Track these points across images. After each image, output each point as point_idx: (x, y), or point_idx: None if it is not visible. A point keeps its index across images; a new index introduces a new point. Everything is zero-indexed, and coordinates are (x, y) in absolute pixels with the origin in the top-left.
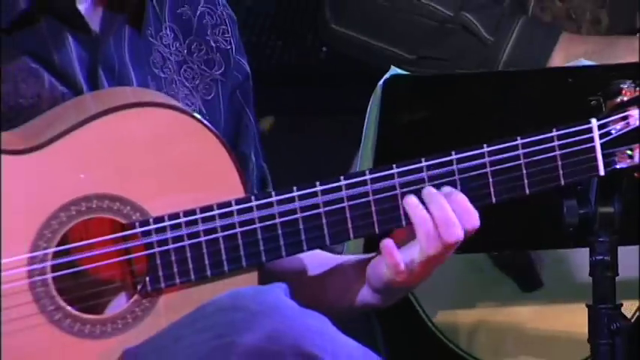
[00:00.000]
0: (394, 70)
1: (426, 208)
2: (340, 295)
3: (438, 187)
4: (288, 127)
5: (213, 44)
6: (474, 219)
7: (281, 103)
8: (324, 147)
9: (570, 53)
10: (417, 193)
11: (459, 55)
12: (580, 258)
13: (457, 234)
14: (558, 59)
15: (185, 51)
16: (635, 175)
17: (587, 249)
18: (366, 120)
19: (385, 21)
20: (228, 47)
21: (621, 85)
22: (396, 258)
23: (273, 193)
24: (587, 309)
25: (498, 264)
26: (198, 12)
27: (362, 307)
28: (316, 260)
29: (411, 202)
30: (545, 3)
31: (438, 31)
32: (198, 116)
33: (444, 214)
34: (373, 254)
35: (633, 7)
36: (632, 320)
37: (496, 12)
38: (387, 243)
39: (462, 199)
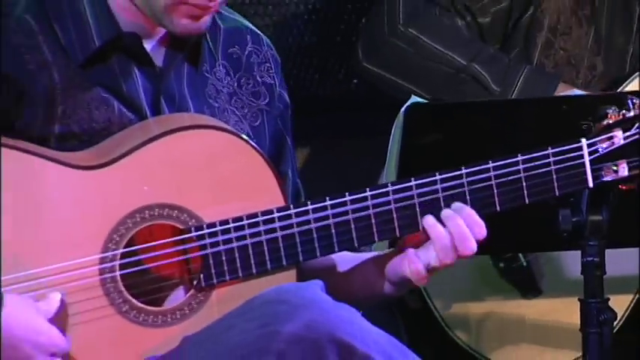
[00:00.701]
0: (414, 99)
1: (444, 225)
2: (363, 288)
3: (450, 197)
4: (324, 148)
5: (260, 79)
6: (482, 230)
7: (317, 128)
8: (353, 165)
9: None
10: (433, 203)
11: (466, 98)
12: (572, 257)
13: (472, 247)
14: None
15: (235, 84)
16: (620, 186)
17: (580, 251)
18: (390, 142)
19: (409, 64)
20: (272, 82)
21: (607, 110)
22: (419, 266)
23: (309, 203)
24: (579, 303)
25: (503, 275)
26: (247, 51)
27: (380, 297)
28: (342, 259)
29: (429, 221)
30: (549, 51)
31: (453, 78)
32: (246, 137)
33: (461, 230)
34: (389, 251)
35: (624, 55)
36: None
37: (504, 64)
38: (411, 253)
39: (471, 212)
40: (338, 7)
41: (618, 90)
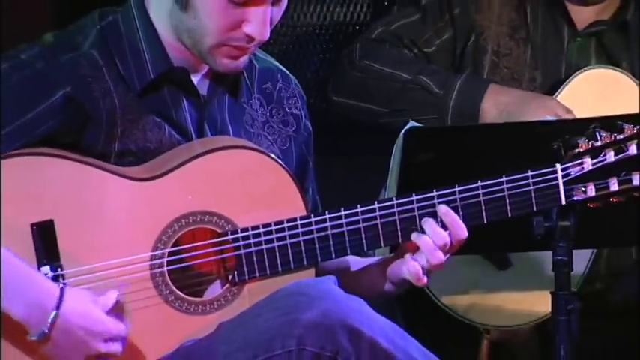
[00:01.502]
0: (412, 124)
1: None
2: (369, 287)
3: (457, 209)
4: (333, 167)
5: (288, 110)
6: (463, 232)
7: (326, 149)
8: (358, 181)
9: (498, 100)
10: (431, 215)
11: (419, 105)
12: (546, 255)
13: (440, 258)
14: (488, 103)
15: (268, 114)
16: (588, 205)
17: (551, 251)
18: (391, 161)
19: (367, 88)
20: (299, 113)
21: (578, 141)
22: (417, 269)
23: (326, 213)
24: (550, 295)
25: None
26: (277, 87)
27: (383, 295)
28: (352, 262)
29: (413, 234)
30: (495, 70)
31: (403, 89)
32: (274, 157)
33: (440, 234)
34: (390, 256)
35: (558, 66)
36: None
37: (444, 73)
38: (408, 258)
39: (455, 218)
40: (346, 46)
41: (555, 95)
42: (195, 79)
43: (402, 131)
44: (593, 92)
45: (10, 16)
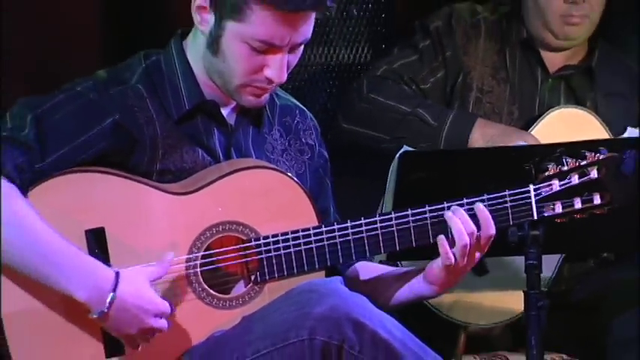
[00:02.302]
0: (406, 148)
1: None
2: (406, 292)
3: (436, 223)
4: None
5: (304, 140)
6: (492, 229)
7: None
8: (360, 198)
9: (484, 131)
10: (424, 227)
11: (417, 135)
12: (519, 260)
13: (466, 240)
14: (476, 134)
15: (286, 144)
16: (556, 220)
17: (523, 256)
18: (388, 180)
19: (373, 117)
20: (313, 143)
21: (548, 165)
22: (448, 251)
23: (335, 224)
24: (522, 293)
25: None
26: (295, 121)
27: (420, 299)
28: (382, 274)
29: (442, 241)
30: (479, 105)
31: (403, 120)
32: (291, 175)
33: (471, 228)
34: (418, 267)
35: (532, 103)
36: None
37: (439, 108)
38: (442, 239)
39: (487, 216)
40: (351, 83)
41: (529, 129)
42: (224, 111)
43: (397, 154)
44: (562, 128)
45: (68, 53)
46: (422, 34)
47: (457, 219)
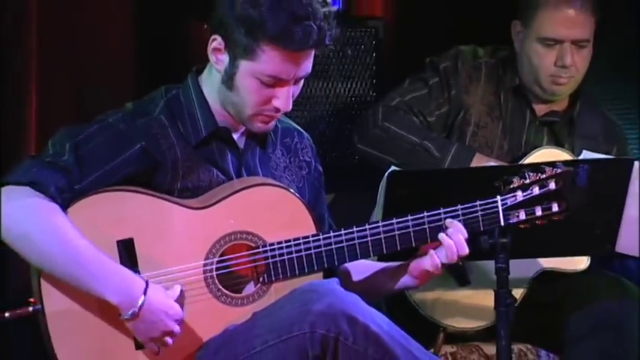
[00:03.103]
0: (393, 168)
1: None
2: (390, 283)
3: (418, 231)
4: (336, 199)
5: (302, 158)
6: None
7: (331, 186)
8: (354, 209)
9: (479, 164)
10: (407, 234)
11: (422, 163)
12: (490, 264)
13: (466, 250)
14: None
15: (287, 161)
16: (520, 226)
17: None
18: (378, 195)
19: (385, 144)
20: (310, 160)
21: (512, 179)
22: (437, 261)
23: (331, 231)
24: (494, 292)
25: (447, 269)
26: (294, 142)
27: (404, 288)
28: (369, 267)
29: (441, 235)
30: (475, 138)
31: (412, 150)
32: (293, 191)
33: (460, 240)
34: (406, 262)
35: (520, 140)
36: (519, 298)
37: (442, 141)
38: (432, 252)
39: (464, 232)
40: (347, 112)
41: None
42: (235, 136)
43: (386, 173)
44: None
45: (104, 86)
46: (432, 71)
47: (452, 242)
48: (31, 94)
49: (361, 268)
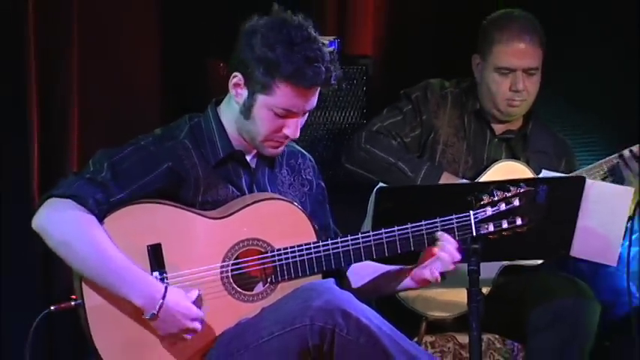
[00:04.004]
0: (381, 184)
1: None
2: (393, 284)
3: (404, 239)
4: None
5: (305, 177)
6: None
7: (330, 199)
8: (348, 220)
9: (447, 180)
10: (392, 242)
11: (398, 181)
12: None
13: (458, 258)
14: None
15: (292, 179)
16: (489, 236)
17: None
18: (368, 208)
19: (367, 164)
20: (312, 179)
21: (483, 197)
22: (436, 273)
23: (329, 239)
24: (466, 291)
25: None
26: (298, 162)
27: (405, 290)
28: (376, 269)
29: (434, 249)
30: (444, 155)
31: (389, 169)
32: (296, 204)
33: (452, 251)
34: (409, 267)
35: (481, 156)
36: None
37: (415, 161)
38: (432, 264)
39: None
40: (341, 136)
41: (480, 175)
42: (248, 158)
43: (375, 189)
44: (504, 175)
45: (135, 113)
46: (406, 100)
47: (446, 254)
48: (73, 122)
49: (369, 270)
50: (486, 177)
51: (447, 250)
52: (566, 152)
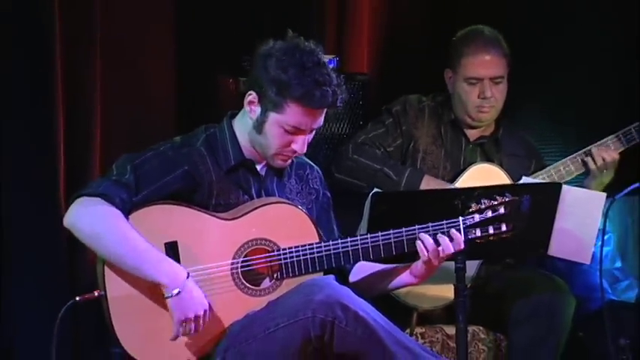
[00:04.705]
0: (376, 190)
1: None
2: (395, 280)
3: (399, 242)
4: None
5: (312, 186)
6: (453, 246)
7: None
8: (347, 224)
9: (428, 184)
10: (388, 244)
11: (384, 186)
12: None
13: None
14: (423, 186)
15: (300, 188)
16: (476, 240)
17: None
18: (364, 213)
19: (355, 172)
20: (318, 188)
21: (471, 204)
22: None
23: (330, 241)
24: (453, 286)
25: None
26: (306, 172)
27: (405, 285)
28: (378, 268)
29: (421, 244)
30: (424, 162)
31: (375, 175)
32: (301, 208)
33: (448, 245)
34: (402, 265)
35: (458, 162)
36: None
37: (399, 167)
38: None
39: (448, 243)
40: (339, 146)
41: (458, 178)
42: (257, 166)
43: (370, 194)
44: (480, 177)
45: (153, 123)
46: (387, 114)
47: (424, 247)
48: (96, 131)
49: (367, 269)
50: (463, 178)
51: (444, 241)
52: (535, 154)
